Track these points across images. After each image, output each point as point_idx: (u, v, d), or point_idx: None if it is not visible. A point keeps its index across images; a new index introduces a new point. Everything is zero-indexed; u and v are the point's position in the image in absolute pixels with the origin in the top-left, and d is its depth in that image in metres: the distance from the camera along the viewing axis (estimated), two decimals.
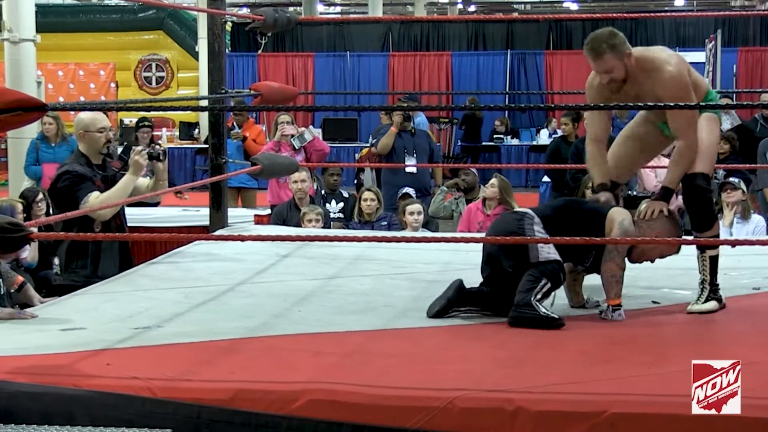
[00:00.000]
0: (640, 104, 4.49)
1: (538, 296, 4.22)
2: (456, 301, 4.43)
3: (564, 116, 10.51)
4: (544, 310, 4.20)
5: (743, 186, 8.25)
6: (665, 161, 9.75)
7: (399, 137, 9.83)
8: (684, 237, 4.81)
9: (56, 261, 5.77)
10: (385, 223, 8.32)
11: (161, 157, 5.63)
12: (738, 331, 4.25)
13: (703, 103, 4.58)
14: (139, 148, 5.58)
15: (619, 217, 4.39)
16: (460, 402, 3.20)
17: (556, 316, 4.20)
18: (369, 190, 8.66)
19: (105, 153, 5.67)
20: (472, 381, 3.37)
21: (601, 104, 4.49)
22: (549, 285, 4.25)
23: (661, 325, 4.24)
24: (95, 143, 5.61)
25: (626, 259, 4.43)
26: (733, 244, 4.22)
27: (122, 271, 5.58)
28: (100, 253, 5.62)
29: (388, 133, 9.79)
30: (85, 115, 5.68)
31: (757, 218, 8.13)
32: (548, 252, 4.29)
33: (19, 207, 7.51)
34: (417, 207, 8.00)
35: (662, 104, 4.26)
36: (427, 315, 4.42)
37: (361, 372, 3.52)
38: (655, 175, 9.79)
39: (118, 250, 5.68)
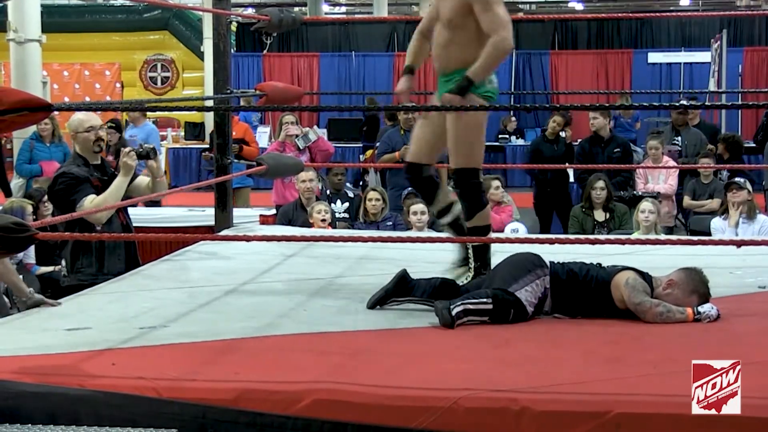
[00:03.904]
0: (640, 104, 4.51)
1: (470, 307, 4.22)
2: (393, 292, 4.55)
3: (557, 115, 10.51)
4: (454, 312, 4.20)
5: (749, 186, 8.25)
6: (670, 162, 9.79)
7: (404, 138, 9.82)
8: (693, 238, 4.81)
9: (63, 263, 5.80)
10: (390, 223, 8.32)
11: (151, 155, 5.63)
12: (743, 330, 4.24)
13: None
14: (128, 149, 5.55)
15: (622, 279, 4.38)
16: (465, 402, 3.19)
17: (450, 320, 4.19)
18: (374, 190, 8.66)
19: (98, 151, 5.67)
20: (477, 381, 3.37)
21: (605, 104, 4.51)
22: (489, 308, 4.24)
23: (666, 325, 4.23)
24: (87, 143, 5.64)
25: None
26: (739, 244, 4.21)
27: (129, 268, 5.60)
28: (105, 250, 5.63)
29: (392, 156, 9.73)
30: (74, 117, 5.72)
31: (762, 218, 8.13)
32: (525, 295, 4.32)
33: (29, 209, 7.54)
34: (421, 207, 7.99)
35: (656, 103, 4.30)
36: (366, 307, 4.56)
37: (366, 372, 3.52)
38: (650, 179, 9.80)
39: (124, 246, 5.68)
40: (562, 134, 10.53)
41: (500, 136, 18.63)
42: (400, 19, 24.16)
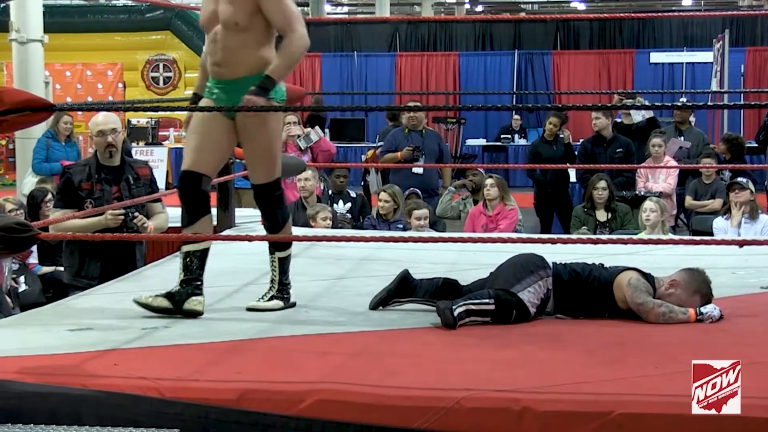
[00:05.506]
0: (636, 105, 4.49)
1: (472, 308, 4.23)
2: (395, 293, 4.54)
3: (553, 116, 10.51)
4: (456, 312, 4.20)
5: (751, 186, 8.25)
6: (671, 161, 9.78)
7: (408, 138, 9.82)
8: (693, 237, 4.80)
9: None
10: (401, 226, 8.30)
11: (135, 229, 5.70)
12: (745, 331, 4.25)
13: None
14: (119, 212, 5.59)
15: (625, 279, 4.38)
16: (467, 402, 3.19)
17: (452, 320, 4.19)
18: (384, 191, 8.62)
19: (108, 156, 5.71)
20: (479, 381, 3.37)
21: (607, 104, 4.50)
22: (492, 309, 4.24)
23: (668, 325, 4.23)
24: (98, 146, 5.77)
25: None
26: (741, 244, 4.22)
27: (127, 270, 5.61)
28: (86, 254, 5.69)
29: (394, 156, 9.75)
30: (93, 119, 5.83)
31: (765, 218, 8.13)
32: (527, 296, 4.32)
33: (8, 206, 7.51)
34: (423, 212, 7.97)
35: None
36: (369, 307, 4.55)
37: (369, 372, 3.52)
38: (649, 177, 9.80)
39: (110, 252, 5.69)
40: (561, 135, 10.53)
41: (502, 136, 18.62)
42: (402, 19, 24.18)
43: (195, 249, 4.53)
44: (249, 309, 4.57)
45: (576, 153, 10.45)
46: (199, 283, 4.51)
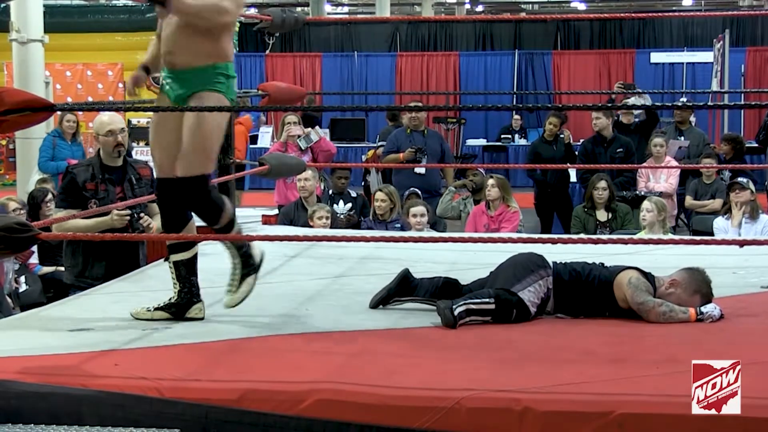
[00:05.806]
0: (636, 105, 4.49)
1: (472, 307, 4.23)
2: (396, 292, 4.56)
3: (553, 116, 10.51)
4: (456, 311, 4.20)
5: (752, 186, 8.25)
6: (671, 161, 9.78)
7: (410, 138, 9.82)
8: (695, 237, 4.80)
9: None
10: (399, 225, 8.30)
11: (141, 230, 5.73)
12: (745, 330, 4.25)
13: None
14: (125, 212, 5.60)
15: (625, 278, 4.38)
16: (468, 402, 3.20)
17: (452, 319, 4.19)
18: (380, 191, 8.62)
19: (117, 156, 5.72)
20: (480, 381, 3.37)
21: (608, 104, 4.49)
22: (492, 308, 4.24)
23: (668, 325, 4.23)
24: (107, 146, 5.73)
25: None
26: (741, 244, 4.21)
27: (130, 270, 5.62)
28: (90, 255, 5.69)
29: (396, 156, 9.77)
30: (97, 119, 5.87)
31: (765, 218, 8.13)
32: (528, 296, 4.33)
33: (12, 205, 7.51)
34: (420, 209, 7.97)
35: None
36: (369, 306, 4.56)
37: (369, 372, 3.53)
38: (651, 177, 9.80)
39: (114, 252, 5.70)
40: (561, 135, 10.53)
41: (503, 136, 18.61)
42: (402, 19, 24.15)
43: (184, 258, 4.49)
44: (227, 306, 4.41)
45: (576, 153, 10.45)
46: (195, 289, 4.47)
